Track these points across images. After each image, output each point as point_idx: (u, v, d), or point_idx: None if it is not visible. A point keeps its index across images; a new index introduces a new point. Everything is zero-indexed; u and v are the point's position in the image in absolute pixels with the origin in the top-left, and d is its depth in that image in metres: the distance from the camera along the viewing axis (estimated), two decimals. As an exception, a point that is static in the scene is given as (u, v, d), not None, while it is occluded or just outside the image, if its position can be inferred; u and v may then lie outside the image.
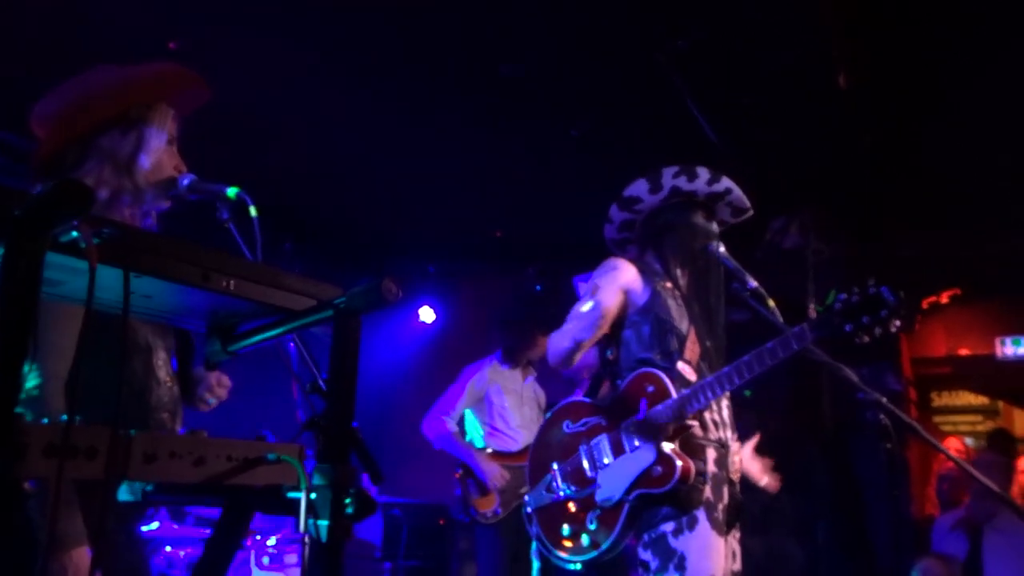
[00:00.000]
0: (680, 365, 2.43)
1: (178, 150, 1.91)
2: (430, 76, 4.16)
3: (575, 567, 2.40)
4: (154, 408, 1.78)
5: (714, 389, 2.27)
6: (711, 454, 2.37)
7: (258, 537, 4.18)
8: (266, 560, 4.12)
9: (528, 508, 2.54)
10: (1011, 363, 6.19)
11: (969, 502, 4.46)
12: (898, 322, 2.17)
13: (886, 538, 5.21)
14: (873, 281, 2.19)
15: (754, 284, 2.45)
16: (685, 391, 2.30)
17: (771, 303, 2.50)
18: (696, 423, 2.36)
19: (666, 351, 2.44)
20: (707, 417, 2.41)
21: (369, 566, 5.64)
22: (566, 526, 2.41)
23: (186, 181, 1.82)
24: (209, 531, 1.51)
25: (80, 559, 1.48)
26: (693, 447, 2.34)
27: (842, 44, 3.75)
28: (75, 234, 0.97)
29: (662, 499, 2.28)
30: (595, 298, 2.48)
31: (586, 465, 2.42)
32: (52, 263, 1.02)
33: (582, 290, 2.65)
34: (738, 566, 2.44)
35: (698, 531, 2.26)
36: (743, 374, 2.27)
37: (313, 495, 1.16)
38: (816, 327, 2.24)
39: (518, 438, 4.51)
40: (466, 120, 4.61)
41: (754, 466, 2.64)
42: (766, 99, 4.19)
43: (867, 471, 5.28)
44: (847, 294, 2.20)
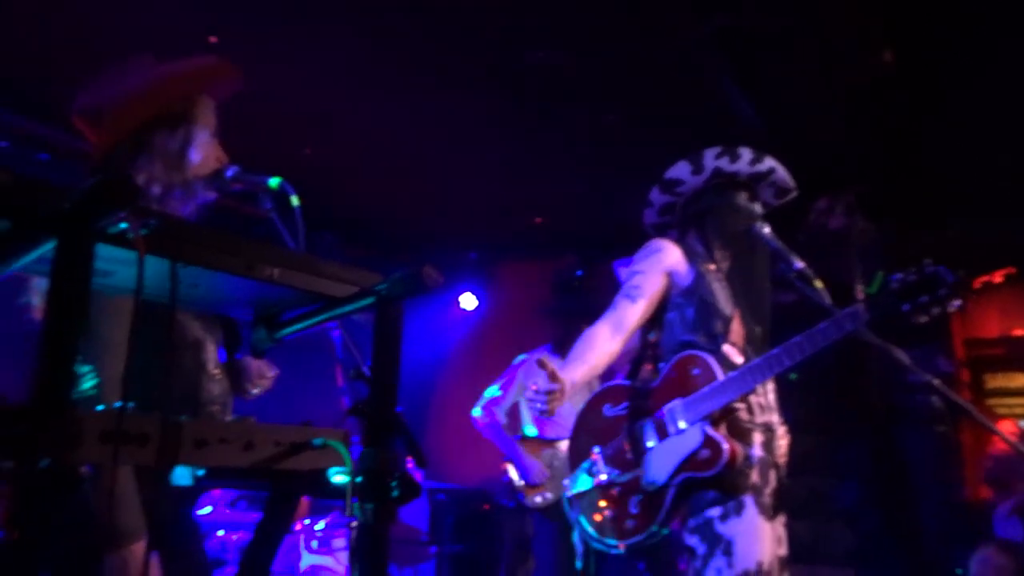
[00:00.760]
0: (725, 347, 2.39)
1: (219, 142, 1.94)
2: (468, 64, 4.15)
3: (618, 552, 2.36)
4: (205, 402, 1.82)
5: (763, 371, 2.22)
6: (757, 438, 2.33)
7: (307, 522, 4.26)
8: (315, 544, 4.19)
9: (568, 493, 2.51)
10: (1068, 343, 6.00)
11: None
12: (957, 301, 2.10)
13: (937, 524, 5.10)
14: (929, 260, 2.13)
15: (800, 265, 2.39)
16: (733, 373, 2.26)
17: (818, 284, 2.44)
18: (743, 406, 2.32)
19: (710, 334, 2.40)
20: (753, 400, 2.37)
21: (415, 551, 5.71)
22: (608, 510, 2.38)
23: (230, 172, 1.85)
24: (260, 515, 1.55)
25: (140, 553, 1.53)
26: (739, 430, 2.30)
27: (888, 16, 3.65)
28: (123, 225, 0.99)
29: (708, 483, 2.24)
30: (635, 287, 2.45)
31: (629, 449, 2.39)
32: (102, 254, 1.05)
33: (623, 275, 2.62)
34: (784, 551, 2.39)
35: (745, 516, 2.23)
36: (794, 355, 2.21)
37: (359, 479, 1.18)
38: (872, 307, 2.17)
39: (569, 425, 4.52)
40: (504, 107, 4.60)
41: None
42: (807, 78, 4.10)
43: (917, 455, 5.17)
44: (903, 273, 2.14)
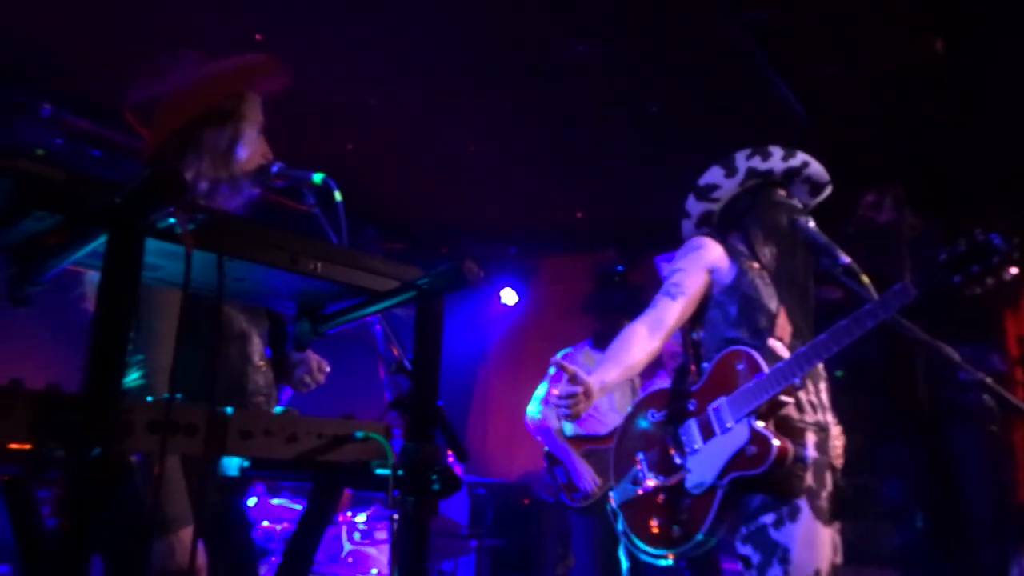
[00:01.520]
0: (771, 342, 2.32)
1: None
2: (508, 59, 4.15)
3: (666, 562, 2.27)
4: (251, 393, 1.85)
5: (809, 359, 2.14)
6: (811, 438, 2.24)
7: (349, 514, 4.31)
8: (357, 536, 4.24)
9: (613, 504, 2.44)
10: None
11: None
12: (1013, 269, 1.99)
13: (988, 525, 4.97)
14: (980, 229, 2.02)
15: (846, 260, 2.32)
16: (779, 364, 2.18)
17: (865, 279, 2.38)
18: (791, 400, 2.22)
19: (755, 329, 2.34)
20: (804, 399, 2.29)
21: (456, 544, 5.74)
22: (655, 518, 2.29)
23: (275, 168, 1.87)
24: (304, 506, 1.59)
25: (187, 539, 1.56)
26: (791, 430, 2.21)
27: (938, 5, 3.55)
28: (171, 220, 1.01)
29: (758, 483, 2.15)
30: (675, 285, 2.41)
31: (674, 452, 2.31)
32: (151, 248, 1.07)
33: (665, 271, 2.59)
34: (840, 559, 2.27)
35: (801, 521, 2.13)
36: (841, 339, 2.12)
37: (400, 472, 1.19)
38: (920, 282, 2.06)
39: (608, 422, 4.48)
40: (545, 101, 4.59)
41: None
42: (853, 69, 4.02)
43: (967, 454, 5.04)
44: (952, 244, 2.04)
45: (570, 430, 4.51)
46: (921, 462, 5.26)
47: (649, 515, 2.31)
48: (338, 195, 1.74)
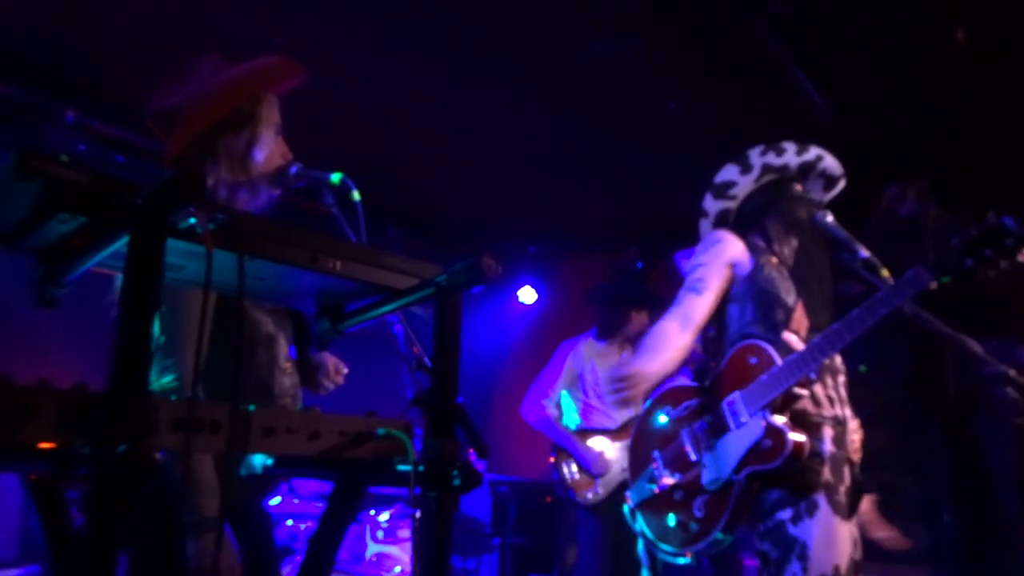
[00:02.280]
0: (786, 335, 2.31)
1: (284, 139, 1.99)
2: (528, 56, 4.15)
3: (685, 560, 2.26)
4: (279, 395, 1.87)
5: (823, 350, 2.12)
6: (828, 432, 2.23)
7: (372, 512, 4.34)
8: (380, 534, 4.27)
9: (631, 503, 2.43)
10: None
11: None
12: None
13: (1019, 521, 4.90)
14: (992, 213, 2.00)
15: (866, 254, 2.30)
16: (792, 356, 2.16)
17: (885, 273, 2.36)
18: (806, 393, 2.21)
19: (771, 324, 2.33)
20: (821, 393, 2.27)
21: (479, 542, 5.76)
22: (672, 516, 2.29)
23: (294, 169, 1.89)
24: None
25: (223, 540, 1.58)
26: (807, 424, 2.20)
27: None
28: (192, 220, 1.03)
29: (774, 478, 2.14)
30: (699, 280, 2.40)
31: (689, 448, 2.31)
32: (173, 248, 1.09)
33: (685, 267, 2.58)
34: (860, 555, 2.25)
35: (819, 517, 2.11)
36: (855, 328, 2.10)
37: (421, 468, 1.20)
38: (933, 268, 2.05)
39: (615, 415, 4.46)
40: (563, 98, 4.58)
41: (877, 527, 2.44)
42: (876, 61, 3.97)
43: (995, 450, 4.97)
44: (965, 229, 2.04)
45: (576, 422, 4.48)
46: (949, 458, 5.19)
47: (666, 512, 2.31)
48: (356, 194, 1.75)
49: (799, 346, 2.29)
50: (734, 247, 2.43)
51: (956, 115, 4.48)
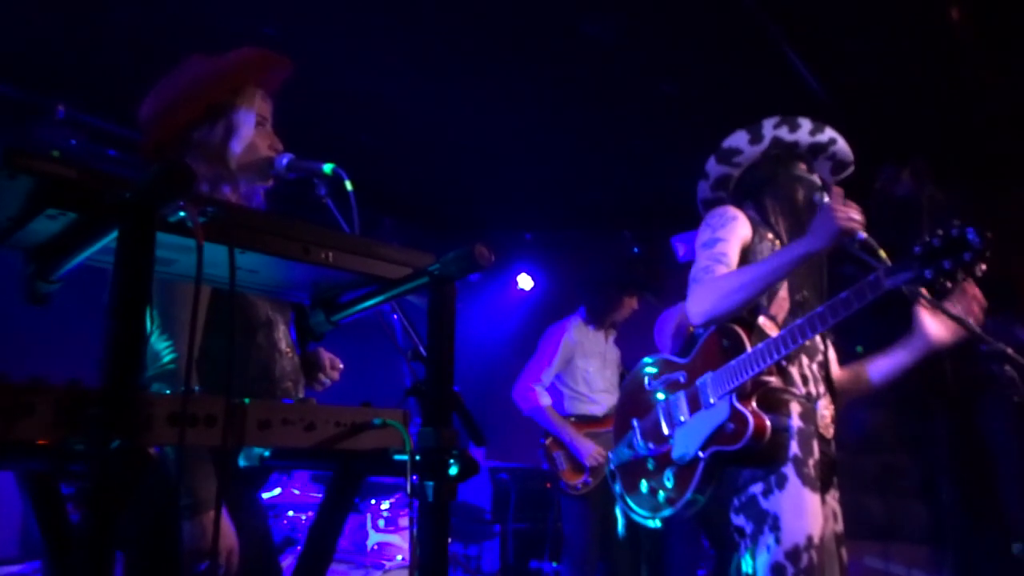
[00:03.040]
0: (761, 320, 2.34)
1: (274, 130, 1.97)
2: (520, 41, 4.13)
3: (654, 524, 2.39)
4: (279, 378, 1.87)
5: (786, 342, 2.17)
6: (795, 408, 2.28)
7: (373, 502, 4.35)
8: (381, 523, 4.28)
9: (611, 465, 2.55)
10: None
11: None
12: (984, 266, 1.99)
13: (1017, 498, 4.93)
14: (958, 222, 2.00)
15: (863, 236, 2.31)
16: (759, 345, 2.22)
17: (882, 254, 2.37)
18: (773, 378, 2.26)
19: (753, 305, 2.35)
20: (794, 372, 2.32)
21: (480, 528, 5.79)
22: (644, 483, 2.41)
23: (285, 160, 1.88)
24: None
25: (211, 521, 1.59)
26: (775, 401, 2.26)
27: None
28: (182, 214, 1.02)
29: (739, 457, 2.22)
30: (722, 254, 2.36)
31: (664, 422, 2.41)
32: (164, 243, 1.08)
33: (680, 251, 2.59)
34: (840, 527, 2.34)
35: (789, 489, 2.18)
36: (815, 326, 2.15)
37: (418, 457, 1.20)
38: (893, 273, 2.08)
39: (601, 401, 4.45)
40: (557, 84, 4.56)
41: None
42: (871, 41, 3.95)
43: (994, 428, 4.99)
44: (928, 236, 2.03)
45: (564, 409, 4.46)
46: (948, 436, 5.21)
47: (639, 479, 2.44)
48: (349, 184, 1.74)
49: (772, 331, 2.32)
50: (745, 226, 2.43)
51: (951, 94, 4.47)
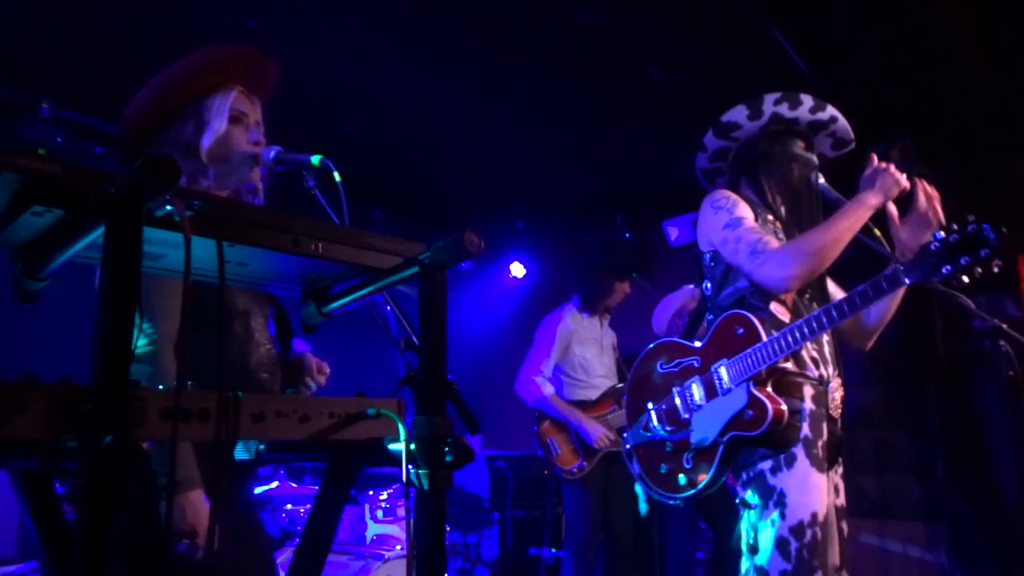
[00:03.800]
0: (773, 306, 2.36)
1: (259, 123, 1.96)
2: (507, 30, 4.11)
3: (676, 503, 2.45)
4: (255, 368, 1.87)
5: (803, 332, 2.20)
6: (808, 391, 2.31)
7: (371, 493, 4.36)
8: (380, 514, 4.29)
9: (627, 445, 2.59)
10: None
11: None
12: (1000, 262, 2.02)
13: (1012, 474, 4.96)
14: (973, 217, 2.04)
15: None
16: (775, 335, 2.24)
17: (877, 233, 2.39)
18: (788, 364, 2.30)
19: (764, 291, 2.36)
20: (804, 354, 2.34)
21: (478, 516, 5.81)
22: (663, 465, 2.46)
23: (272, 153, 1.87)
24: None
25: (196, 500, 1.60)
26: (788, 384, 2.29)
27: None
28: (169, 208, 1.01)
29: (756, 441, 2.26)
30: (756, 229, 2.36)
31: (680, 406, 2.44)
32: (151, 238, 1.08)
33: (672, 235, 2.59)
34: (841, 500, 2.39)
35: (796, 467, 2.22)
36: (833, 319, 2.19)
37: (412, 446, 1.20)
38: (911, 270, 2.13)
39: (600, 387, 4.47)
40: (545, 71, 4.54)
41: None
42: (858, 20, 3.95)
43: (987, 404, 5.03)
44: (944, 232, 2.07)
45: (563, 396, 4.49)
46: (942, 413, 5.24)
47: (658, 461, 2.48)
48: (337, 175, 1.74)
49: (785, 317, 2.35)
50: (747, 209, 2.44)
51: (939, 72, 4.47)
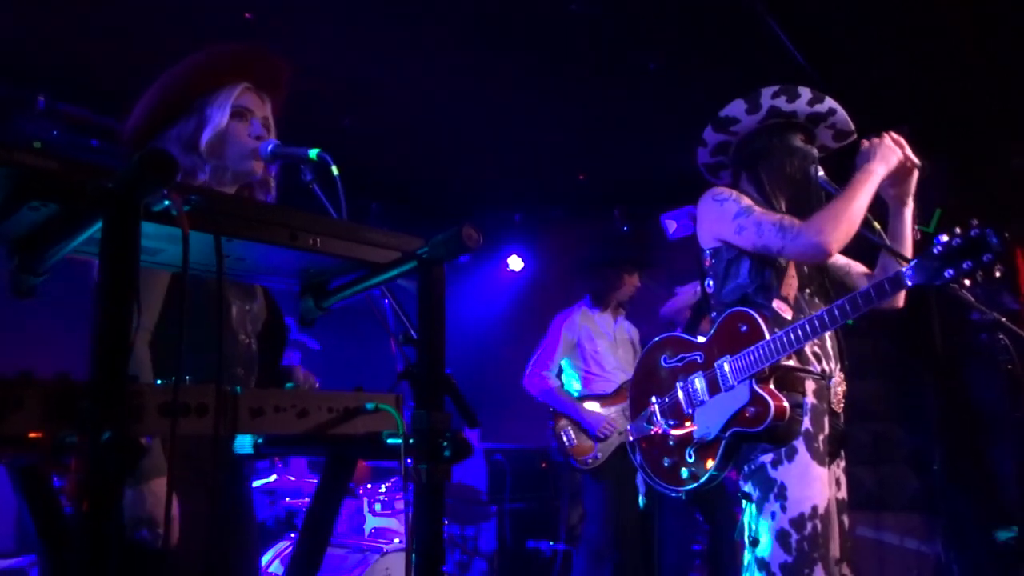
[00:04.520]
0: (776, 303, 2.37)
1: (268, 120, 1.96)
2: (504, 22, 4.10)
3: (679, 495, 2.47)
4: (228, 363, 1.84)
5: (805, 331, 2.22)
6: (810, 386, 2.33)
7: (369, 486, 4.36)
8: (378, 507, 4.29)
9: (631, 437, 2.61)
10: None
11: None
12: (1002, 267, 2.05)
13: (1009, 466, 4.98)
14: (976, 222, 2.06)
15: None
16: (778, 333, 2.25)
17: (876, 225, 2.39)
18: (791, 360, 2.31)
19: (764, 285, 2.38)
20: (807, 350, 2.35)
21: (477, 510, 5.82)
22: (666, 458, 2.48)
23: (269, 147, 1.86)
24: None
25: (159, 489, 1.57)
26: (791, 380, 2.31)
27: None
28: (167, 203, 1.01)
29: (758, 437, 2.28)
30: (754, 208, 2.38)
31: (683, 401, 2.45)
32: (149, 233, 1.07)
33: (670, 228, 2.60)
34: (843, 494, 2.41)
35: (797, 461, 2.24)
36: (836, 318, 2.21)
37: (411, 441, 1.20)
38: (915, 274, 2.16)
39: (615, 379, 4.50)
40: (542, 63, 4.54)
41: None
42: (852, 11, 3.94)
43: (985, 396, 5.04)
44: (948, 236, 2.09)
45: (577, 391, 4.52)
46: (940, 406, 5.25)
47: (661, 455, 2.50)
48: (335, 169, 1.73)
49: (787, 315, 2.36)
50: (750, 201, 2.45)
51: (934, 63, 4.46)
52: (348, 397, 1.24)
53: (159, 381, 1.07)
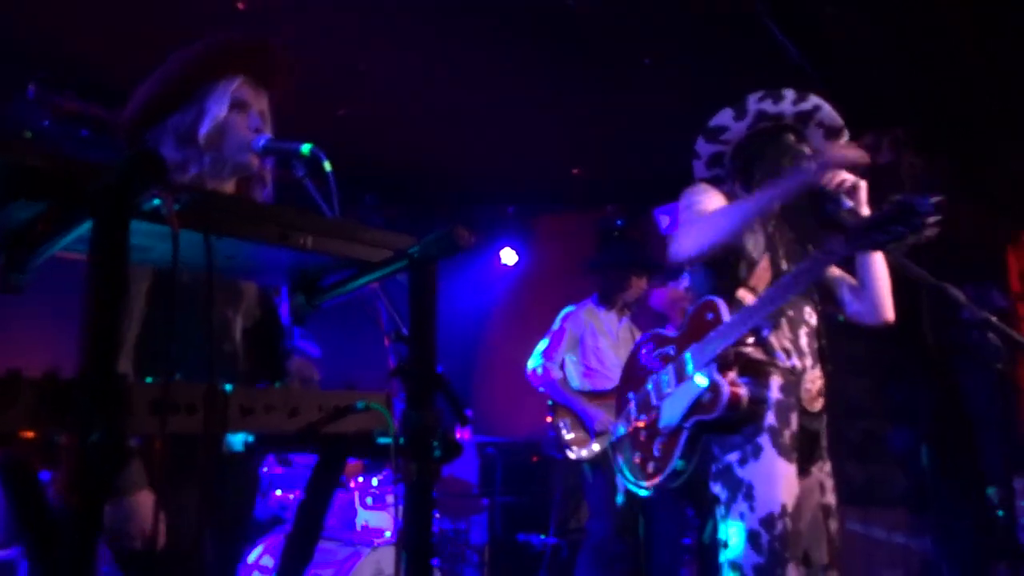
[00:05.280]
0: (740, 292, 2.39)
1: (264, 113, 1.95)
2: (500, 15, 4.09)
3: (645, 492, 2.48)
4: (206, 364, 1.82)
5: (758, 311, 2.25)
6: (775, 380, 2.32)
7: (361, 479, 4.37)
8: (369, 500, 4.30)
9: (613, 438, 2.64)
10: None
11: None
12: (932, 230, 2.09)
13: (998, 465, 5.01)
14: (911, 190, 2.12)
15: (849, 204, 2.34)
16: (734, 316, 2.28)
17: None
18: (751, 348, 2.32)
19: (734, 277, 2.41)
20: (775, 342, 2.35)
21: (468, 503, 5.83)
22: (637, 453, 2.51)
23: (261, 142, 1.85)
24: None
25: (143, 501, 1.57)
26: (756, 372, 2.32)
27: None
28: (156, 201, 1.00)
29: (718, 425, 2.29)
30: (692, 206, 2.43)
31: (652, 393, 2.49)
32: (139, 231, 1.07)
33: (663, 223, 2.61)
34: (829, 499, 2.39)
35: (763, 459, 2.23)
36: (783, 294, 2.25)
37: (402, 440, 1.20)
38: (848, 241, 2.21)
39: (614, 377, 4.52)
40: (538, 56, 4.53)
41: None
42: (850, 10, 3.94)
43: (974, 395, 5.06)
44: (886, 206, 2.14)
45: (577, 385, 4.55)
46: (929, 404, 5.27)
47: (633, 450, 2.53)
48: (327, 165, 1.72)
49: (750, 302, 2.37)
50: (717, 199, 2.47)
51: (934, 63, 4.46)
52: (339, 396, 1.24)
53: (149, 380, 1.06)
